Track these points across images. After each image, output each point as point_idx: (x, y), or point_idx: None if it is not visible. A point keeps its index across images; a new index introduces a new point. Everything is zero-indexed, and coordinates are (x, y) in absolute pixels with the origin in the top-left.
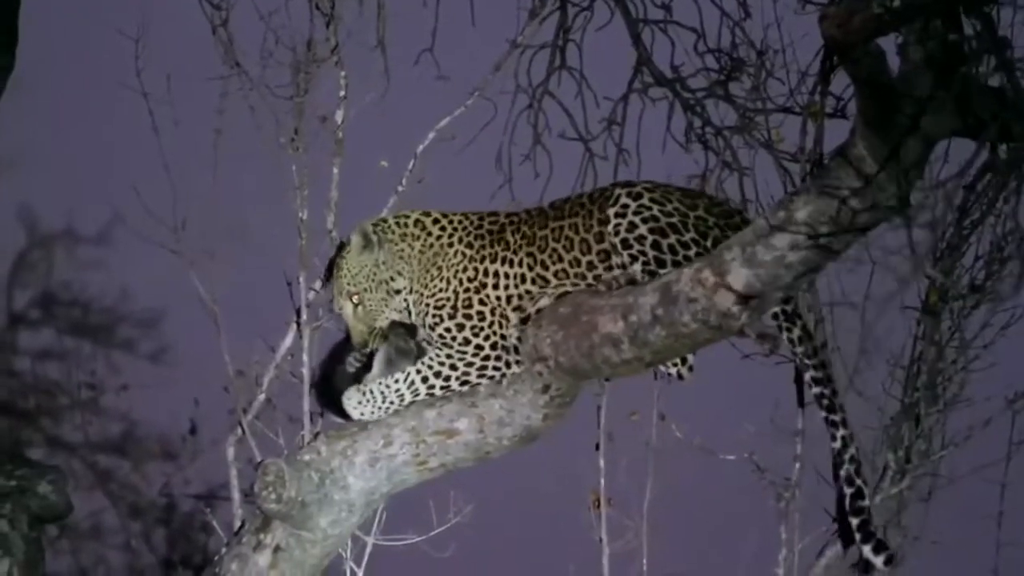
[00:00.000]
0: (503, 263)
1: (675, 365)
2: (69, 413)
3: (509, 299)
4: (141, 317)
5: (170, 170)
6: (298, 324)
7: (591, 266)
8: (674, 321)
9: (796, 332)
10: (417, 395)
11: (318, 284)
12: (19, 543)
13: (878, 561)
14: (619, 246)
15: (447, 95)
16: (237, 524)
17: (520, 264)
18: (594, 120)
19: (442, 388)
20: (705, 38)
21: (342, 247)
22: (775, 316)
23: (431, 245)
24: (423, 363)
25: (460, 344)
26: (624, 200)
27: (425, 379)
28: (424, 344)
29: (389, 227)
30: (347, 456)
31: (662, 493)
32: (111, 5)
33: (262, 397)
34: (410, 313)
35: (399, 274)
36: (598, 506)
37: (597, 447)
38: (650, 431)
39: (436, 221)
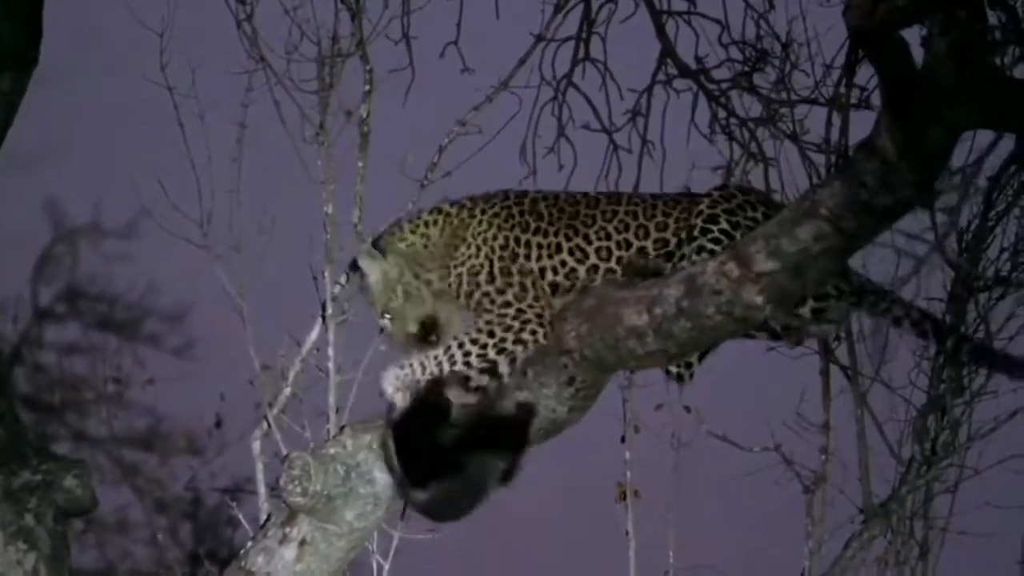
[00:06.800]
0: (535, 233)
1: (677, 366)
2: (95, 407)
3: (543, 271)
4: (167, 311)
5: (195, 164)
6: (323, 318)
7: (642, 253)
8: (699, 314)
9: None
10: (455, 364)
11: (343, 278)
12: (44, 537)
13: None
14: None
15: (472, 88)
16: (263, 518)
17: (556, 235)
18: (618, 112)
19: (479, 356)
20: (729, 30)
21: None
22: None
23: (451, 223)
24: (460, 334)
25: (500, 307)
26: (716, 195)
27: (461, 344)
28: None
29: (395, 235)
30: (373, 449)
31: (688, 485)
32: None
33: (288, 391)
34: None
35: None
36: (624, 498)
37: (623, 439)
38: (676, 423)
39: (458, 205)
